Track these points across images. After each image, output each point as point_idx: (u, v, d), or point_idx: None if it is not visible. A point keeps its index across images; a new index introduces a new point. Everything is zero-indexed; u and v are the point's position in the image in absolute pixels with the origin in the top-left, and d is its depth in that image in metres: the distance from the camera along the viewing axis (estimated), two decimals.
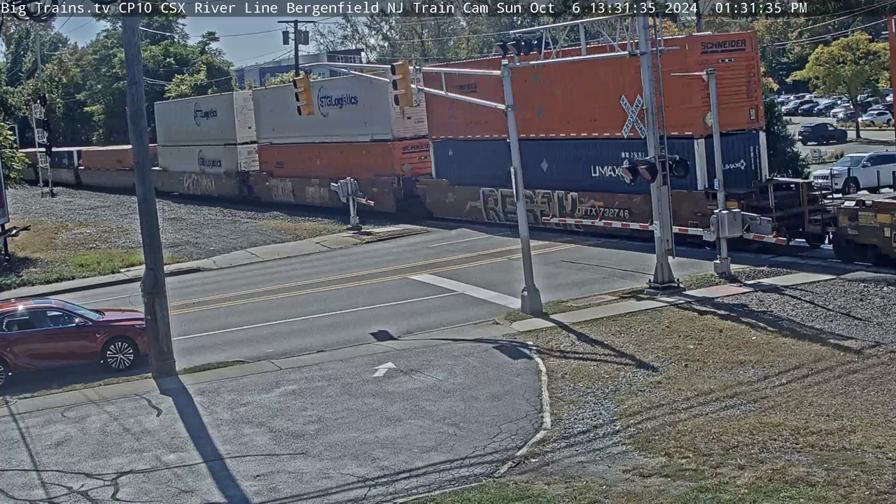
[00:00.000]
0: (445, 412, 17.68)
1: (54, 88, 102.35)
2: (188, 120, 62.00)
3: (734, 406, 16.77)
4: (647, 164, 24.92)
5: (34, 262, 38.60)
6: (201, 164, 61.35)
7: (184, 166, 63.40)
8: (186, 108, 63.77)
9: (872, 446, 14.50)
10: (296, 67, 68.92)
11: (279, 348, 23.58)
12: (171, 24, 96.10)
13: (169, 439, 17.51)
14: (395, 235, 40.23)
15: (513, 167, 24.88)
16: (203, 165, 61.32)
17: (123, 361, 22.86)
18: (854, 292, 23.41)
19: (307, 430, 17.35)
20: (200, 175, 61.74)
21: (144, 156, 22.23)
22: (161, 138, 66.51)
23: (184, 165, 63.40)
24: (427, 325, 24.56)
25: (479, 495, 13.90)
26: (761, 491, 13.18)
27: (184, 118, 62.91)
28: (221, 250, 40.15)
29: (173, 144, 65.14)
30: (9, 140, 47.88)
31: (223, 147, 58.37)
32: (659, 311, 23.40)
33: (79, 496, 15.21)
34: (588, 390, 18.31)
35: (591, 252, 31.75)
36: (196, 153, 61.55)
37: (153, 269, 22.08)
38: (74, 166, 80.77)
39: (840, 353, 19.21)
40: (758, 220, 26.43)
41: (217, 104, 59.99)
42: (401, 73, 27.22)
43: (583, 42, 27.98)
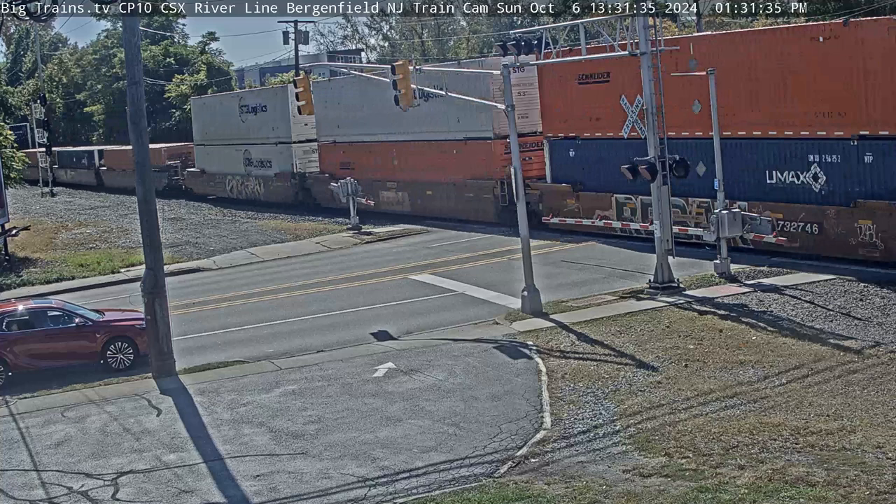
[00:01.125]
0: (445, 412, 17.68)
1: (54, 88, 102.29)
2: (232, 116, 56.91)
3: (734, 406, 16.76)
4: (646, 164, 24.93)
5: (34, 262, 38.61)
6: (247, 165, 56.33)
7: (226, 168, 58.45)
8: (230, 104, 58.42)
9: (872, 446, 14.49)
10: (296, 67, 68.86)
11: (279, 348, 23.58)
12: (171, 24, 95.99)
13: (169, 439, 17.51)
14: (395, 235, 40.23)
15: (513, 167, 24.98)
16: (249, 167, 56.19)
17: (123, 361, 22.86)
18: (854, 292, 23.41)
19: (307, 430, 17.35)
20: (246, 177, 56.70)
21: (144, 156, 22.23)
22: (198, 137, 61.96)
23: (226, 167, 58.42)
24: (427, 325, 24.56)
25: (479, 495, 13.90)
26: (761, 491, 13.18)
27: (226, 114, 57.82)
28: (221, 250, 40.16)
29: (213, 143, 59.96)
30: (9, 140, 47.87)
31: (274, 146, 53.14)
32: (659, 311, 23.40)
33: (79, 496, 15.22)
34: (588, 390, 18.31)
35: (591, 252, 31.74)
36: (241, 153, 56.53)
37: (153, 269, 22.08)
38: (95, 167, 75.75)
39: (840, 353, 19.21)
40: (758, 219, 26.43)
41: (267, 98, 54.86)
42: (401, 73, 27.21)
43: (583, 42, 27.98)
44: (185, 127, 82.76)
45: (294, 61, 72.43)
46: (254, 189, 56.08)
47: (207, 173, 60.58)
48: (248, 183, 56.63)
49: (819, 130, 26.77)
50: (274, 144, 53.18)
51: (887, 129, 25.24)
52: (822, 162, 26.80)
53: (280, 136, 52.63)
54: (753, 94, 28.31)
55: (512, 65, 26.68)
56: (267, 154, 54.11)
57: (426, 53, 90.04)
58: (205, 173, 60.85)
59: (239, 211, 53.56)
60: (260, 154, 54.87)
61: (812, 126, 26.93)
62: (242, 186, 57.23)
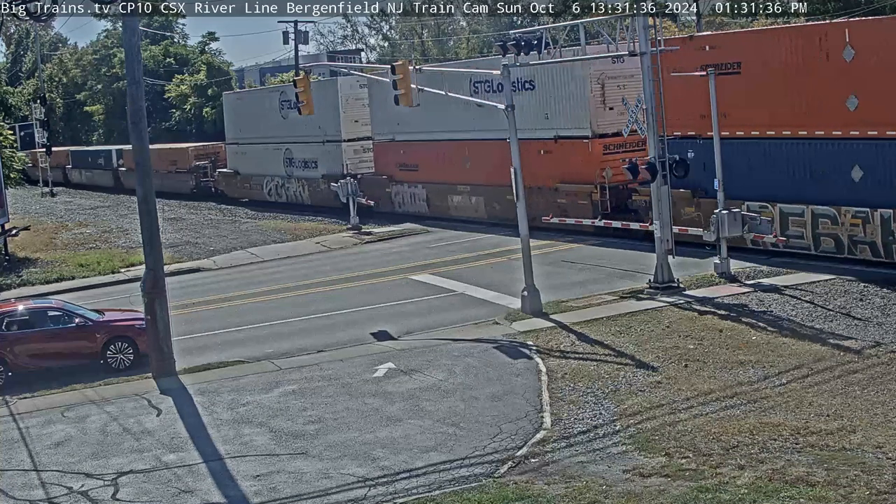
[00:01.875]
0: (445, 412, 17.68)
1: (54, 88, 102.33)
2: (271, 113, 52.11)
3: (734, 406, 16.76)
4: (646, 164, 24.96)
5: (34, 262, 38.61)
6: (288, 165, 51.93)
7: (263, 168, 54.03)
8: (269, 99, 53.40)
9: (872, 446, 14.50)
10: (296, 67, 68.83)
11: (279, 348, 23.58)
12: (171, 24, 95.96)
13: (169, 439, 17.51)
14: (395, 235, 40.21)
15: (513, 167, 24.99)
16: (291, 167, 51.79)
17: (123, 361, 22.86)
18: (854, 292, 23.41)
19: (307, 430, 17.35)
20: (287, 179, 52.26)
21: (144, 156, 22.24)
22: (230, 135, 57.54)
23: (263, 167, 54.02)
24: (427, 325, 24.55)
25: (479, 495, 13.90)
26: (761, 491, 13.18)
27: (264, 111, 52.94)
28: (221, 250, 40.15)
29: (249, 142, 55.52)
30: (9, 140, 47.90)
31: (321, 145, 48.61)
32: (659, 311, 23.40)
33: (79, 496, 15.22)
34: (588, 390, 18.31)
35: (591, 252, 31.74)
36: (281, 153, 52.15)
37: (153, 269, 22.09)
38: (114, 168, 71.39)
39: (840, 353, 19.21)
40: (758, 219, 26.42)
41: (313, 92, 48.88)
42: (401, 73, 27.22)
43: (583, 42, 27.99)
44: (185, 127, 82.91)
45: (294, 61, 72.44)
46: (296, 192, 51.88)
47: (242, 175, 56.50)
48: (289, 185, 52.38)
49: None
50: (320, 143, 48.74)
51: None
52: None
53: (328, 135, 48.11)
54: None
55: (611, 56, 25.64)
56: (312, 153, 49.89)
57: (426, 53, 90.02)
58: (238, 175, 56.79)
59: (250, 211, 53.05)
60: (304, 153, 50.62)
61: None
62: (283, 189, 52.95)
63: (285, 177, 52.46)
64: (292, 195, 52.24)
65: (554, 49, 27.97)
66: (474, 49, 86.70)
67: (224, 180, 59.01)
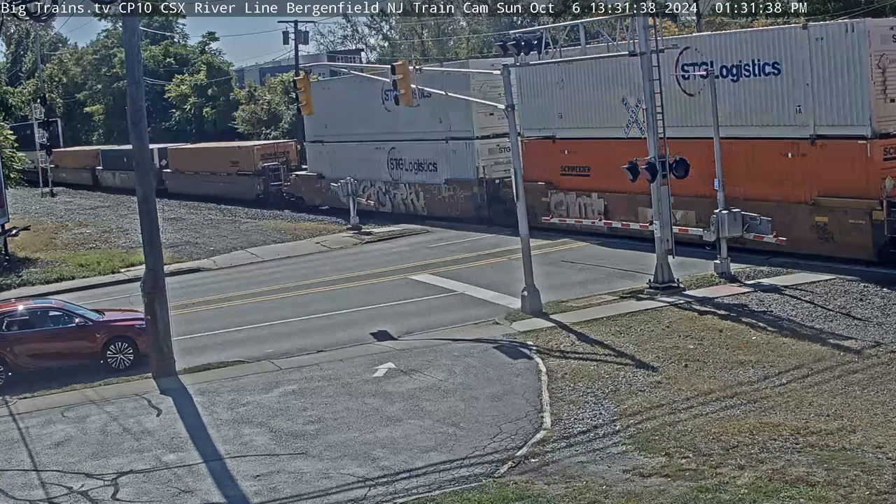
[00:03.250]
0: (445, 412, 17.68)
1: (54, 88, 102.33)
2: (370, 104, 43.56)
3: (734, 406, 16.77)
4: (646, 164, 24.96)
5: (34, 262, 38.62)
6: (394, 167, 44.27)
7: (358, 171, 44.96)
8: (369, 88, 42.52)
9: (872, 446, 14.50)
10: (296, 67, 68.79)
11: (279, 348, 23.58)
12: (171, 24, 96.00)
13: (169, 439, 17.51)
14: (395, 235, 40.22)
15: (513, 168, 24.99)
16: (399, 170, 44.08)
17: (123, 361, 22.86)
18: (854, 292, 23.41)
19: (307, 430, 17.35)
20: (393, 185, 44.54)
21: (145, 156, 22.26)
22: (312, 133, 49.85)
23: (359, 170, 45.14)
24: (427, 325, 24.56)
25: (479, 495, 13.90)
26: (761, 491, 13.18)
27: (361, 102, 44.68)
28: (221, 250, 40.16)
29: (338, 140, 47.73)
30: (9, 140, 47.90)
31: (444, 144, 40.69)
32: (659, 311, 23.40)
33: (79, 496, 15.22)
34: (588, 390, 18.31)
35: (591, 252, 31.74)
36: (385, 153, 44.57)
37: (153, 269, 22.09)
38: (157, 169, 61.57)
39: (840, 353, 19.21)
40: (758, 219, 26.42)
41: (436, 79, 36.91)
42: (401, 73, 27.22)
43: (583, 42, 27.99)
44: (185, 127, 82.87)
45: (294, 61, 72.42)
46: (406, 199, 44.02)
47: (325, 179, 48.33)
48: (395, 192, 44.54)
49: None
50: (443, 141, 40.79)
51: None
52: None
53: (454, 131, 40.01)
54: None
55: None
56: (428, 154, 42.02)
57: (426, 53, 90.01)
58: (323, 178, 48.63)
59: (249, 211, 52.87)
60: (416, 154, 42.76)
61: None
62: (386, 196, 45.12)
63: (390, 182, 44.78)
64: (399, 202, 44.46)
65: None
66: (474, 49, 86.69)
67: (303, 185, 51.46)
